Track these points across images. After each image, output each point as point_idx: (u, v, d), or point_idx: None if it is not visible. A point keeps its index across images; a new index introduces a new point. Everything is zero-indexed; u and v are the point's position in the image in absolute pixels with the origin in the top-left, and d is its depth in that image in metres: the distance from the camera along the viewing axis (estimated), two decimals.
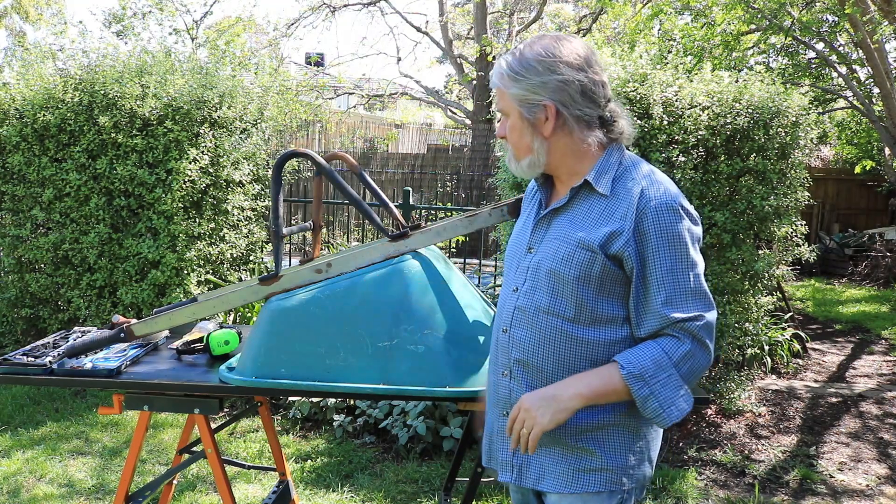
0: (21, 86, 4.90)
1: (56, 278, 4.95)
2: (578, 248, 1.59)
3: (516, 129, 1.65)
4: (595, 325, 1.61)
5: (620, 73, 4.11)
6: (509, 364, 1.70)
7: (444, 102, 15.59)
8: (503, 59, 1.64)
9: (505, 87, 1.63)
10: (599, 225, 1.59)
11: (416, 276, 2.18)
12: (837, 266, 10.51)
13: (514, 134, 1.66)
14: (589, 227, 1.60)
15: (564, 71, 1.58)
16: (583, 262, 1.58)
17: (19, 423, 4.36)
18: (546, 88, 1.59)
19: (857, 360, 6.19)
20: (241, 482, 3.69)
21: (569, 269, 1.59)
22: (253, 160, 5.42)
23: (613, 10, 8.87)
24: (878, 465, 4.04)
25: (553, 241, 1.64)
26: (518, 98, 1.62)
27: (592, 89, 1.60)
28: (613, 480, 1.64)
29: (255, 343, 2.21)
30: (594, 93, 1.61)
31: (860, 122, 10.43)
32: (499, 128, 1.72)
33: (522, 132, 1.64)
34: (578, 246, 1.59)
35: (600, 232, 1.58)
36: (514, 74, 1.61)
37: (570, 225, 1.64)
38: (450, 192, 12.45)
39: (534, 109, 1.61)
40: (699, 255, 1.61)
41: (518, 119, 1.64)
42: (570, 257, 1.60)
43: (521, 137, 1.65)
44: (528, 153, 1.66)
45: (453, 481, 2.87)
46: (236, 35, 11.73)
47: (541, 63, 1.59)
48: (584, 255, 1.58)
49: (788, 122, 4.38)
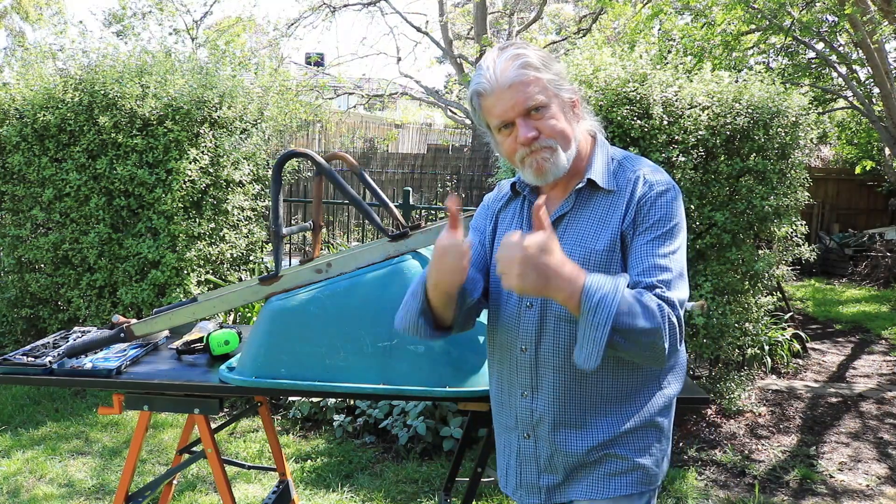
0: (21, 86, 4.90)
1: (56, 278, 4.95)
2: (596, 251, 1.53)
3: (560, 117, 1.51)
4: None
5: (620, 73, 4.11)
6: (531, 383, 1.61)
7: (444, 102, 15.58)
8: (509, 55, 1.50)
9: (538, 73, 1.49)
10: (610, 222, 1.54)
11: (416, 276, 2.18)
12: (837, 266, 10.51)
13: (558, 123, 1.51)
14: (601, 228, 1.55)
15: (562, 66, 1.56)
16: (601, 263, 1.53)
17: (19, 423, 4.36)
18: (565, 77, 1.54)
19: (857, 360, 6.19)
20: (241, 482, 3.69)
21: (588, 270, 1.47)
22: (253, 160, 5.42)
23: (613, 10, 8.87)
24: (878, 465, 4.04)
25: (566, 245, 1.53)
26: (554, 84, 1.51)
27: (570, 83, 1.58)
28: (643, 480, 1.63)
29: (255, 343, 2.21)
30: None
31: (860, 122, 10.43)
32: (522, 130, 1.50)
33: (567, 119, 1.53)
34: (597, 250, 1.53)
35: (613, 228, 1.54)
36: (542, 60, 1.50)
37: (582, 229, 1.56)
38: (450, 192, 12.45)
39: (569, 93, 1.54)
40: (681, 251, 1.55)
41: (559, 106, 1.52)
42: (586, 260, 1.53)
43: (567, 124, 1.53)
44: (573, 142, 1.54)
45: (453, 481, 2.87)
46: (236, 35, 11.73)
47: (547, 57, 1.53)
48: (603, 257, 1.53)
49: (788, 122, 4.38)
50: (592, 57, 4.26)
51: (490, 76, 1.49)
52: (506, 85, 1.48)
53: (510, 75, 1.48)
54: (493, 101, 1.50)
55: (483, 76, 1.51)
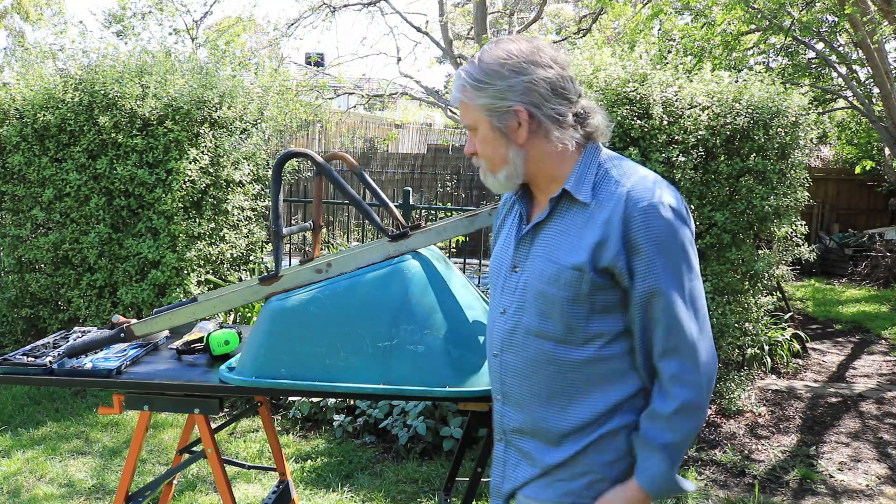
0: (21, 86, 4.90)
1: (56, 278, 4.95)
2: (565, 268, 1.46)
3: (488, 142, 1.50)
4: (587, 344, 1.48)
5: (620, 73, 4.11)
6: (502, 388, 1.61)
7: (444, 102, 15.58)
8: (461, 71, 1.51)
9: (469, 99, 1.49)
10: (584, 237, 1.45)
11: (416, 276, 2.18)
12: (837, 266, 10.51)
13: (486, 147, 1.51)
14: (573, 243, 1.47)
15: (530, 70, 1.44)
16: (571, 281, 1.45)
17: (19, 423, 4.36)
18: (514, 91, 1.44)
19: (857, 360, 6.19)
20: (241, 482, 3.69)
21: (557, 289, 1.46)
22: (253, 160, 5.42)
23: (613, 10, 8.87)
24: (877, 465, 4.04)
25: (538, 258, 1.51)
26: (485, 108, 1.47)
27: (563, 85, 1.46)
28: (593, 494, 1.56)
29: (255, 343, 2.21)
30: (565, 88, 1.46)
31: (860, 122, 10.44)
32: (467, 144, 1.56)
33: (496, 143, 1.50)
34: (565, 266, 1.46)
35: (586, 246, 1.44)
36: (476, 83, 1.47)
37: (554, 241, 1.50)
38: (450, 192, 12.45)
39: (504, 117, 1.46)
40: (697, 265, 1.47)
41: (489, 130, 1.49)
42: (556, 277, 1.47)
43: (494, 149, 1.50)
44: (504, 164, 1.51)
45: (453, 481, 2.87)
46: (236, 35, 11.74)
47: (504, 66, 1.44)
48: (572, 275, 1.45)
49: (788, 122, 4.38)
50: (592, 57, 4.26)
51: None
52: (454, 104, 1.57)
53: (452, 96, 1.55)
54: None
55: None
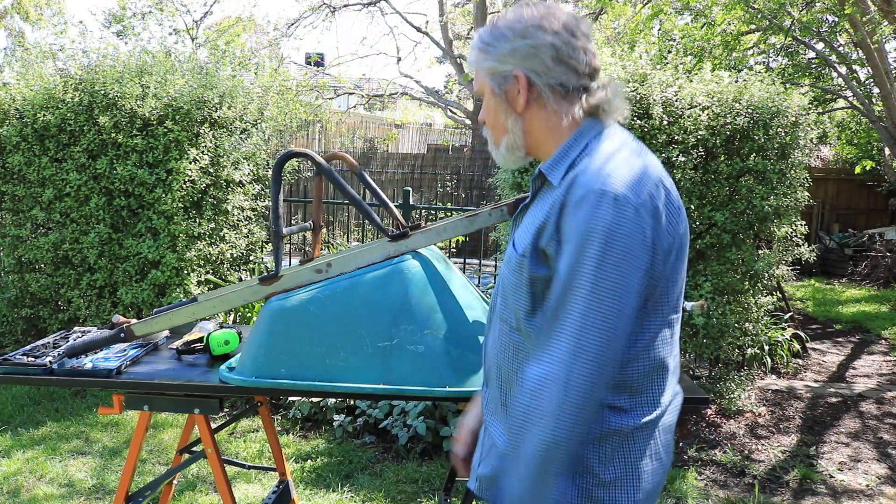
0: (21, 86, 4.90)
1: (56, 278, 4.95)
2: (516, 253, 1.36)
3: (490, 109, 1.43)
4: (515, 330, 1.39)
5: (620, 73, 4.11)
6: (485, 371, 1.53)
7: (444, 102, 15.59)
8: (477, 33, 1.43)
9: (478, 63, 1.41)
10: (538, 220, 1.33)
11: (416, 276, 2.18)
12: (837, 266, 10.51)
13: (489, 115, 1.43)
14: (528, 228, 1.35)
15: (535, 34, 1.33)
16: (516, 266, 1.35)
17: (19, 423, 4.36)
18: (515, 55, 1.35)
19: (857, 360, 6.19)
20: (241, 482, 3.69)
21: (510, 273, 1.38)
22: (253, 160, 5.42)
23: (613, 10, 8.87)
24: (877, 465, 4.04)
25: (510, 243, 1.43)
26: (489, 71, 1.39)
27: (570, 53, 1.34)
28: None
29: (255, 343, 2.21)
30: (571, 57, 1.34)
31: (860, 122, 10.44)
32: (481, 112, 1.48)
33: (497, 111, 1.41)
34: (517, 255, 1.36)
35: (531, 229, 1.33)
36: (485, 46, 1.39)
37: (523, 226, 1.40)
38: (450, 192, 12.45)
39: (504, 83, 1.38)
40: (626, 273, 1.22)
41: (491, 96, 1.41)
42: (509, 261, 1.39)
43: (496, 117, 1.42)
44: (505, 134, 1.42)
45: (453, 481, 2.87)
46: (236, 35, 11.75)
47: (510, 29, 1.36)
48: (519, 260, 1.34)
49: (788, 122, 4.38)
50: None
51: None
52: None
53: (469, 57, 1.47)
54: None
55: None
